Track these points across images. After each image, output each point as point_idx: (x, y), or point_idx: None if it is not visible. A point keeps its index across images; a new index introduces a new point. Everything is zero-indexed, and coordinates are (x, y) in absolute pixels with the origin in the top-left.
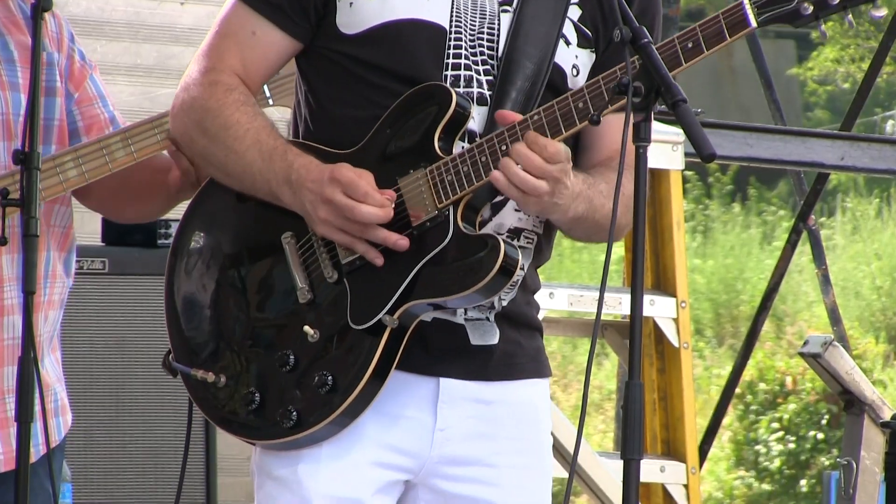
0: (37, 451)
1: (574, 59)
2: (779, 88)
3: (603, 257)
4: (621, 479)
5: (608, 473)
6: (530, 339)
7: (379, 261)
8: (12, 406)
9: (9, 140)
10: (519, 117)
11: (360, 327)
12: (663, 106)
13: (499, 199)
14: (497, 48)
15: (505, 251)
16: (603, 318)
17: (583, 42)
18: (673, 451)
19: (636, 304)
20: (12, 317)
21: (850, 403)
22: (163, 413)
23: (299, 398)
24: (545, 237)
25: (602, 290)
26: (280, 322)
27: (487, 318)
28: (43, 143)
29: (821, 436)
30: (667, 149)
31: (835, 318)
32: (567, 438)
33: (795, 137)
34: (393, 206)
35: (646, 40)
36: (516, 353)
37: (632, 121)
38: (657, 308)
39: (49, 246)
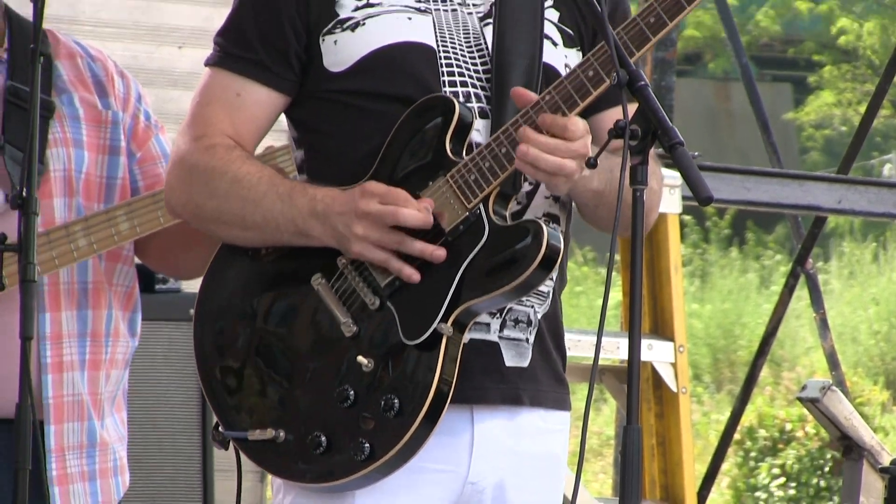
0: None
1: (564, 58)
2: (776, 132)
3: (600, 302)
4: None
5: None
6: (556, 366)
7: (416, 277)
8: (74, 462)
9: (70, 196)
10: (534, 96)
11: (415, 342)
12: (660, 149)
13: (529, 187)
14: (487, 61)
15: (546, 231)
16: (601, 362)
17: (568, 42)
18: (672, 496)
19: (634, 349)
20: (72, 373)
21: (849, 449)
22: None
23: (368, 428)
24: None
25: (600, 334)
26: (331, 362)
27: (526, 340)
28: (105, 201)
29: (823, 483)
30: (664, 192)
31: (833, 362)
32: (566, 484)
33: (793, 180)
34: (431, 214)
35: (642, 83)
36: (543, 381)
37: (628, 164)
38: (655, 353)
39: (111, 304)
